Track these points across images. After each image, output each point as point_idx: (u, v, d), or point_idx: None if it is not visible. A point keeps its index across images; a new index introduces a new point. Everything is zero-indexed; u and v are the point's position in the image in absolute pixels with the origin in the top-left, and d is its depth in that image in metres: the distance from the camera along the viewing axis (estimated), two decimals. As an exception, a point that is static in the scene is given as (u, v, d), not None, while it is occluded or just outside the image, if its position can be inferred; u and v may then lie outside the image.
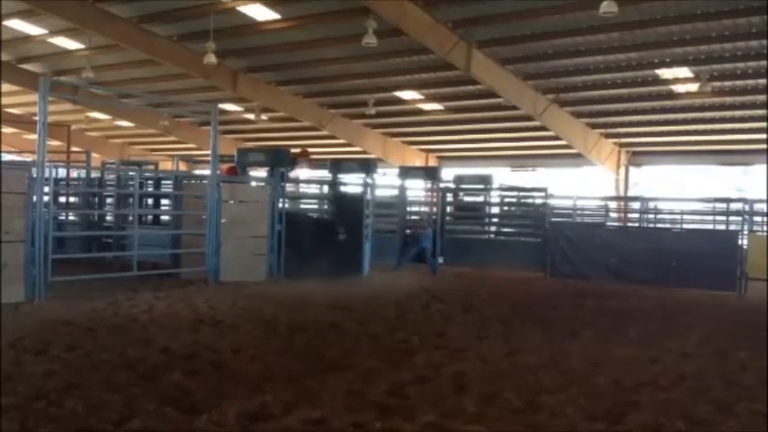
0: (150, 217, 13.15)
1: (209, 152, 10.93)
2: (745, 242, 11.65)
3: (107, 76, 22.74)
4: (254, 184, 12.19)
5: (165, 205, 13.20)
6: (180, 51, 20.52)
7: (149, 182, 13.29)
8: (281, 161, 11.67)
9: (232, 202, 10.86)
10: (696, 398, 4.74)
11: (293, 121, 26.46)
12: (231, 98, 24.63)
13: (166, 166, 24.67)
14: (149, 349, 5.71)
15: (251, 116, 26.17)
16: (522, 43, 18.08)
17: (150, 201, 13.58)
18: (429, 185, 16.53)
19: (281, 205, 11.17)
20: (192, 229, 10.85)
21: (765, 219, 11.08)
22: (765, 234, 12.69)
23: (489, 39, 18.19)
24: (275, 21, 17.94)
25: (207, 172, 11.09)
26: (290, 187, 13.28)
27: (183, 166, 21.85)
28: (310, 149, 16.61)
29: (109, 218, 13.16)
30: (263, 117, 26.19)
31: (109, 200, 13.83)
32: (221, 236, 10.26)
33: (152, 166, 18.91)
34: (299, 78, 23.11)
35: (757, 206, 13.40)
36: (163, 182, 13.05)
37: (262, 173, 12.74)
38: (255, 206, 10.94)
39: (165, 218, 12.98)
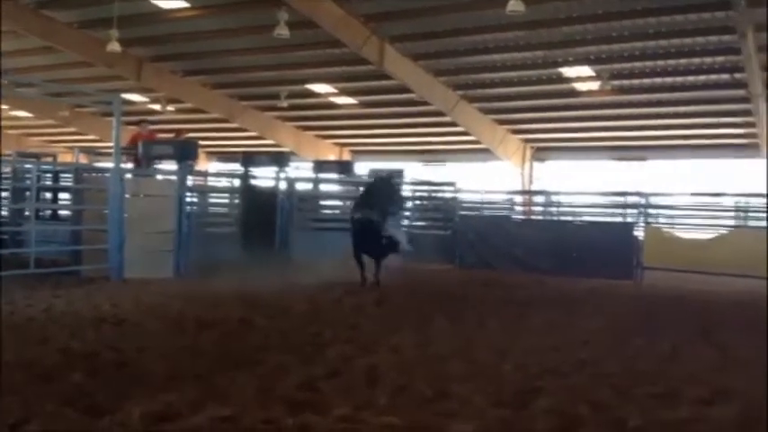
0: (49, 212, 12.56)
1: (111, 144, 10.54)
2: (641, 233, 12.25)
3: (2, 64, 21.50)
4: (159, 177, 11.85)
5: (64, 200, 12.64)
6: (81, 39, 19.69)
7: (47, 175, 12.68)
8: (188, 154, 11.39)
9: (136, 195, 10.51)
10: (596, 383, 4.95)
11: (202, 113, 25.84)
12: (135, 88, 23.82)
13: (66, 158, 23.60)
14: (47, 349, 5.45)
15: (157, 107, 25.38)
16: (433, 39, 18.36)
17: (49, 195, 12.97)
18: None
19: (188, 199, 10.90)
20: (93, 224, 10.44)
21: (766, 214, 11.63)
22: (660, 226, 13.41)
23: (401, 34, 18.37)
24: (183, 9, 17.47)
25: (110, 165, 10.69)
26: (198, 181, 12.99)
27: (83, 159, 20.95)
28: (222, 141, 16.30)
29: (4, 213, 12.47)
30: (170, 108, 25.45)
31: (4, 194, 13.09)
32: (125, 231, 9.90)
33: (51, 159, 18.05)
34: (208, 69, 22.62)
35: (652, 199, 14.12)
36: (62, 175, 12.49)
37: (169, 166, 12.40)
38: (161, 200, 10.62)
39: (65, 213, 12.42)
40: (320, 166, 16.67)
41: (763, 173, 21.37)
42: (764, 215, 15.58)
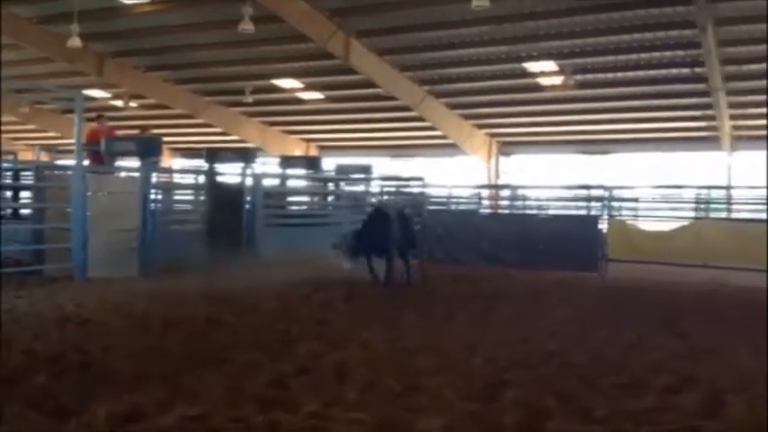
0: (9, 211, 12.28)
1: (73, 141, 10.35)
2: (605, 226, 12.43)
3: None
4: (122, 174, 11.67)
5: (25, 198, 12.38)
6: (41, 34, 19.26)
7: (7, 173, 12.39)
8: (152, 150, 11.23)
9: (100, 193, 10.33)
10: (563, 374, 5.02)
11: (165, 109, 25.51)
12: (97, 84, 23.42)
13: (27, 156, 23.12)
14: (10, 351, 5.33)
15: (119, 103, 24.98)
16: (399, 34, 18.38)
17: (9, 193, 12.68)
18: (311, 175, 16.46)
19: (152, 196, 10.76)
20: (56, 222, 10.24)
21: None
22: (624, 218, 13.62)
23: (367, 29, 18.35)
24: (145, 3, 17.21)
25: (71, 162, 10.50)
26: (163, 177, 12.82)
27: (44, 156, 20.55)
28: (186, 137, 16.12)
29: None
30: (132, 104, 25.08)
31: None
32: (88, 229, 9.73)
33: (11, 156, 17.67)
34: (171, 64, 22.34)
35: (615, 192, 14.33)
36: (22, 173, 12.22)
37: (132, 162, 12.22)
38: (125, 197, 10.46)
39: (26, 212, 12.17)
40: (287, 161, 16.57)
41: (724, 165, 21.91)
42: (725, 206, 15.99)
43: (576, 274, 11.34)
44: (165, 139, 13.57)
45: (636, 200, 15.30)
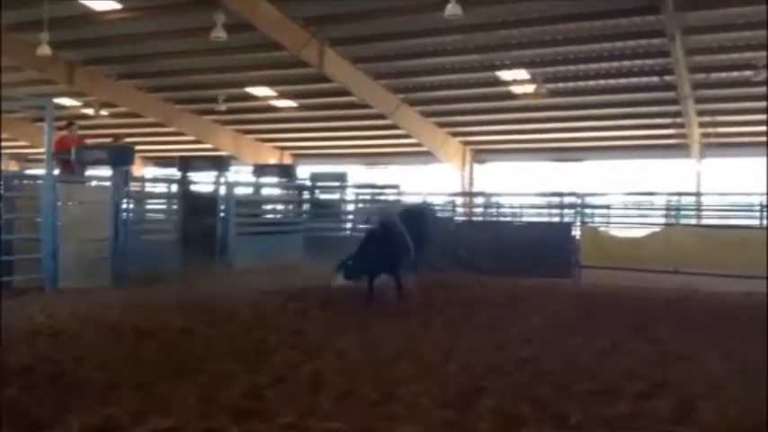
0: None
1: (42, 150, 10.20)
2: (578, 233, 12.55)
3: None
4: (94, 183, 11.52)
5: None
6: (10, 42, 18.97)
7: (-25, 183, 12.16)
8: (123, 159, 11.09)
9: (70, 203, 10.19)
10: (538, 380, 5.05)
11: (137, 117, 25.28)
12: (67, 92, 23.13)
13: (-5, 165, 22.68)
14: (-21, 365, 5.23)
15: (89, 111, 24.69)
16: (373, 43, 18.43)
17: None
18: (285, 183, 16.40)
19: (124, 205, 10.63)
20: (25, 233, 10.07)
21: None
22: (596, 225, 13.77)
23: (341, 37, 18.37)
24: (115, 11, 17.05)
25: (41, 171, 10.34)
26: (134, 187, 12.69)
27: (13, 166, 20.24)
28: (159, 146, 15.97)
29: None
30: (103, 112, 24.81)
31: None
32: (59, 240, 9.59)
33: (-22, 166, 17.34)
34: (143, 72, 22.15)
35: (587, 199, 14.50)
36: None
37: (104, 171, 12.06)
38: (96, 207, 10.33)
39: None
40: (261, 170, 16.49)
41: (693, 172, 22.28)
42: (695, 213, 16.25)
43: (550, 281, 11.43)
44: (137, 147, 13.44)
45: (608, 207, 15.50)
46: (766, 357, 5.40)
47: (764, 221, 13.96)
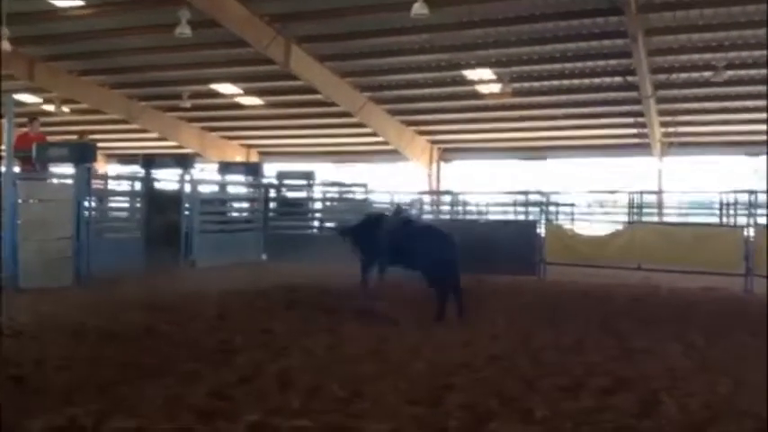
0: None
1: (2, 147, 9.98)
2: (543, 231, 12.69)
3: None
4: (55, 181, 11.30)
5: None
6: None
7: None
8: (86, 156, 10.89)
9: (31, 201, 9.98)
10: (506, 376, 5.10)
11: (99, 114, 24.85)
12: (28, 88, 22.63)
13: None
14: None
15: (50, 108, 24.20)
16: (340, 41, 18.40)
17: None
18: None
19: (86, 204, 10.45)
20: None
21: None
22: (560, 223, 13.95)
23: (307, 35, 18.31)
24: (77, 7, 16.74)
25: (1, 168, 10.11)
26: (97, 184, 12.47)
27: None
28: (122, 143, 15.73)
29: None
30: (65, 109, 24.34)
31: None
32: (19, 239, 9.39)
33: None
34: (105, 68, 21.80)
35: (552, 197, 14.67)
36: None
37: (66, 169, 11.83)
38: (58, 205, 10.13)
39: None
40: (226, 167, 16.35)
41: (655, 170, 22.70)
42: (656, 211, 16.54)
43: (515, 278, 11.52)
44: (100, 144, 13.22)
45: (572, 205, 15.70)
46: (726, 351, 5.53)
47: (725, 219, 14.29)
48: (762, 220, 11.66)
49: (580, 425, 4.02)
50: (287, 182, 16.53)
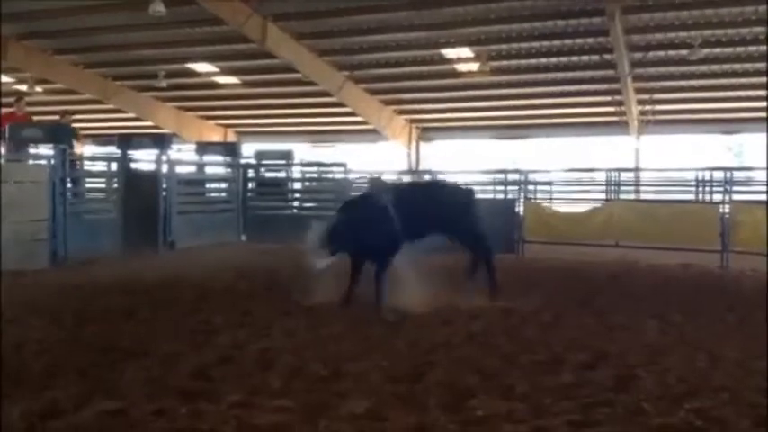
0: None
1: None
2: (522, 209, 12.76)
3: None
4: (30, 162, 11.13)
5: None
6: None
7: None
8: (61, 137, 10.74)
9: (6, 182, 9.82)
10: (485, 353, 5.15)
11: (74, 94, 24.46)
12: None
13: None
14: None
15: (23, 87, 23.76)
16: (317, 19, 18.22)
17: None
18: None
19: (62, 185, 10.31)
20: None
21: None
22: (539, 201, 14.03)
23: (284, 12, 18.10)
24: (49, -17, 16.40)
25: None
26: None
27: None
28: (97, 123, 15.52)
29: None
30: (38, 89, 23.92)
31: None
32: (-7, 221, 9.25)
33: None
34: (79, 47, 21.41)
35: (530, 176, 14.73)
36: None
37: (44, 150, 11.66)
38: (33, 187, 9.99)
39: None
40: (204, 148, 16.20)
41: (632, 149, 22.87)
42: (634, 188, 16.69)
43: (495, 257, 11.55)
44: (74, 125, 13.00)
45: (550, 183, 15.78)
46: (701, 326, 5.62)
47: (700, 196, 14.46)
48: (737, 197, 11.82)
49: (559, 399, 4.08)
50: (265, 162, 16.41)
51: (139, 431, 3.59)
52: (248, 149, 17.73)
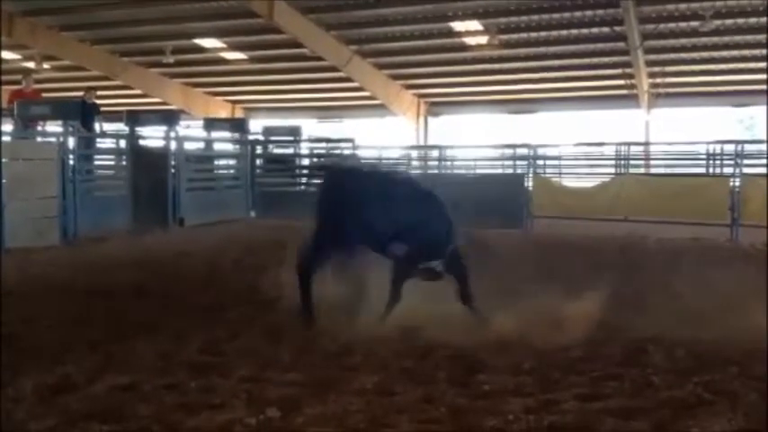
0: None
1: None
2: (530, 184, 12.72)
3: None
4: (39, 139, 11.16)
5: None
6: (-61, -10, 18.01)
7: None
8: (70, 114, 10.75)
9: (15, 160, 9.86)
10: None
11: (82, 70, 24.40)
12: (6, 45, 22.12)
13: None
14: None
15: (31, 65, 23.72)
16: (324, -8, 18.05)
17: None
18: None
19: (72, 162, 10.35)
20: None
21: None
22: (548, 176, 13.98)
23: (290, -14, 17.94)
24: (55, -41, 16.28)
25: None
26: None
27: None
28: (105, 100, 15.50)
29: None
30: (45, 66, 23.87)
31: None
32: (4, 198, 9.30)
33: None
34: (86, 23, 21.30)
35: (539, 151, 14.66)
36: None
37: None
38: (43, 164, 10.02)
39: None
40: (212, 124, 16.18)
41: (642, 122, 22.67)
42: (643, 162, 16.58)
43: (502, 232, 11.55)
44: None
45: (559, 158, 15.69)
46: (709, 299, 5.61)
47: (711, 170, 14.35)
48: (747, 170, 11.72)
49: (568, 374, 4.09)
50: (273, 138, 16.39)
51: (151, 405, 3.63)
52: (256, 125, 17.69)
